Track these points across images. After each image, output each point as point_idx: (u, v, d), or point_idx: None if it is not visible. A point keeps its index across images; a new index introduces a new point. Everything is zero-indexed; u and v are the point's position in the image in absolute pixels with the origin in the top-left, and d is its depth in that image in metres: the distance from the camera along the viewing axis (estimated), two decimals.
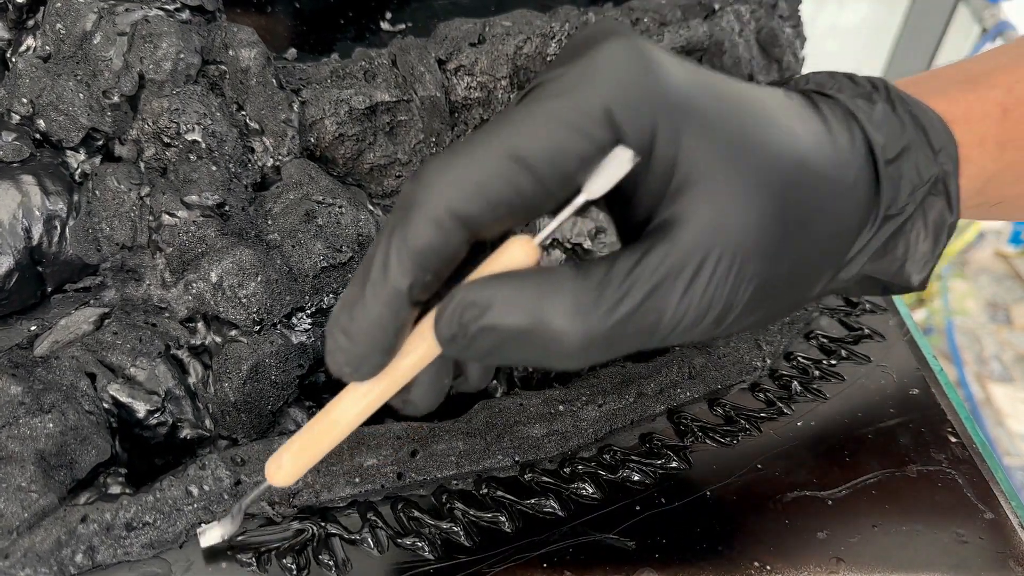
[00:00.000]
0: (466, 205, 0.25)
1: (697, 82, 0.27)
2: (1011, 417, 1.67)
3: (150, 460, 0.40)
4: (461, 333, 0.26)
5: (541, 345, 0.25)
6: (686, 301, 0.26)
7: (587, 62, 0.26)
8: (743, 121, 0.27)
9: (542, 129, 0.25)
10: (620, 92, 0.25)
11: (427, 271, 0.26)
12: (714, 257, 0.26)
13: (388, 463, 0.39)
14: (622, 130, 0.25)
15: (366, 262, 0.26)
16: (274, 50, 0.48)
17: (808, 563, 0.37)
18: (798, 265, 0.29)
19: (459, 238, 0.25)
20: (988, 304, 1.95)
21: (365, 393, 0.28)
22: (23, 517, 0.34)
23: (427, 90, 0.47)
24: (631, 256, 0.25)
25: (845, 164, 0.29)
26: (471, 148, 0.25)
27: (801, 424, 0.43)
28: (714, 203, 0.26)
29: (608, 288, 0.25)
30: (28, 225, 0.41)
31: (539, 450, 0.41)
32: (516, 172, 0.25)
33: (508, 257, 0.26)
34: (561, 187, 0.25)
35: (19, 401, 0.36)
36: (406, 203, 0.25)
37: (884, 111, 0.31)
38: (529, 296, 0.25)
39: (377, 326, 0.26)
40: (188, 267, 0.42)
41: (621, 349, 0.26)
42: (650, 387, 0.44)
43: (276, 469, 0.30)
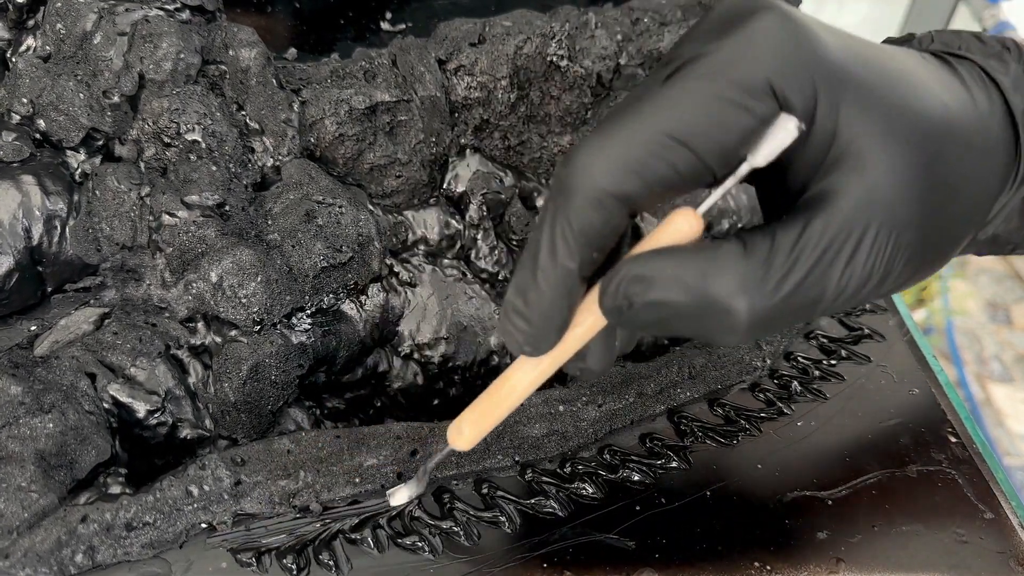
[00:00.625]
0: (624, 185, 0.25)
1: (851, 51, 0.27)
2: (1011, 417, 1.67)
3: (150, 460, 0.40)
4: (626, 306, 0.26)
5: (707, 321, 0.26)
6: (848, 272, 0.26)
7: (743, 35, 0.26)
8: (896, 89, 0.27)
9: (702, 108, 0.25)
10: (781, 64, 0.25)
11: (593, 249, 0.26)
12: (874, 228, 0.26)
13: (388, 463, 0.39)
14: (787, 100, 0.25)
15: (531, 248, 0.27)
16: (274, 50, 0.48)
17: (808, 563, 0.37)
18: (946, 229, 0.29)
19: (620, 215, 0.26)
20: (988, 304, 1.95)
21: (535, 365, 0.29)
22: (23, 517, 0.34)
23: (427, 90, 0.47)
24: (792, 229, 0.26)
25: (987, 128, 0.30)
26: (625, 129, 0.25)
27: (801, 424, 0.43)
28: (871, 173, 0.26)
29: (774, 263, 0.25)
30: (28, 225, 0.41)
31: (539, 450, 0.41)
32: (675, 151, 0.25)
33: (673, 229, 0.27)
34: (721, 162, 0.26)
35: (19, 401, 0.36)
36: (564, 187, 0.26)
37: (1017, 71, 0.31)
38: (694, 272, 0.25)
39: (552, 308, 0.27)
40: (188, 267, 0.42)
41: (786, 323, 0.26)
42: (650, 387, 0.44)
43: (457, 434, 0.31)
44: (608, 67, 0.50)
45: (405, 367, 0.48)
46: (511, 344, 0.28)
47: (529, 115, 0.51)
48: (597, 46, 0.50)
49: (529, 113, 0.51)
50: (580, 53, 0.50)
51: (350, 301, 0.45)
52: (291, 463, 0.38)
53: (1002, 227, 0.32)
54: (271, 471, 0.37)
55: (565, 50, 0.49)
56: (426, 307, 0.49)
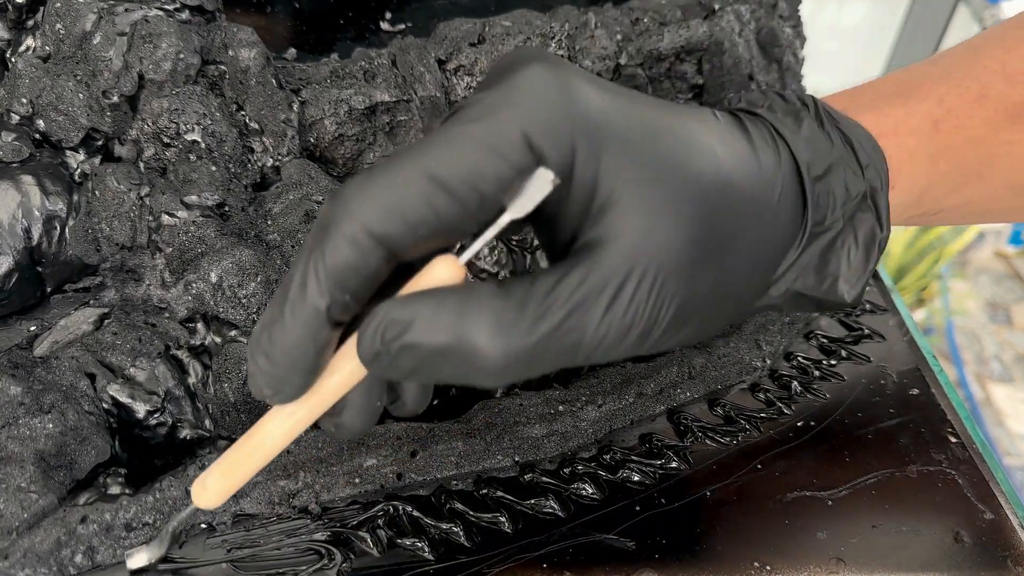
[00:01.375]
0: (383, 225, 0.25)
1: (616, 105, 0.27)
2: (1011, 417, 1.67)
3: (150, 460, 0.40)
4: (384, 351, 0.25)
5: (463, 363, 0.25)
6: (607, 320, 0.26)
7: (506, 86, 0.26)
8: (662, 142, 0.27)
9: (460, 151, 0.25)
10: (538, 116, 0.25)
11: (345, 291, 0.25)
12: (635, 277, 0.26)
13: (388, 463, 0.39)
14: (542, 153, 0.25)
15: (285, 281, 0.26)
16: (274, 50, 0.48)
17: (808, 563, 0.37)
18: (722, 283, 0.29)
19: (377, 258, 0.25)
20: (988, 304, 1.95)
21: (290, 414, 0.28)
22: (23, 517, 0.34)
23: (427, 90, 0.47)
24: (553, 275, 0.26)
25: (769, 183, 0.29)
26: (390, 168, 0.25)
27: (801, 424, 0.43)
28: (634, 224, 0.26)
29: (529, 306, 0.25)
30: (28, 225, 0.41)
31: (539, 450, 0.41)
32: (434, 193, 0.25)
33: (432, 276, 0.26)
34: (480, 209, 0.25)
35: (19, 401, 0.36)
36: (323, 222, 0.25)
37: (811, 129, 0.32)
38: (450, 314, 0.25)
39: (296, 347, 0.26)
40: (188, 267, 0.42)
41: (544, 367, 0.26)
42: (650, 387, 0.44)
43: (201, 490, 0.30)
44: (608, 67, 0.50)
45: None
46: (253, 387, 0.27)
47: None
48: (597, 46, 0.50)
49: None
50: (580, 53, 0.50)
51: None
52: (291, 463, 0.38)
53: (799, 283, 0.32)
54: (271, 471, 0.37)
55: (565, 50, 0.49)
56: None
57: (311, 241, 0.26)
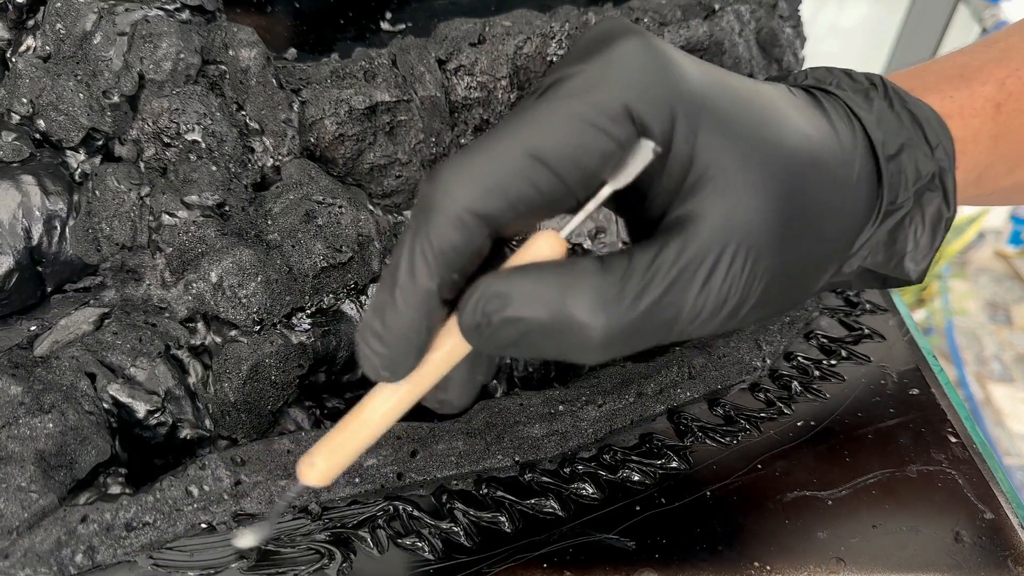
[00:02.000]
0: (486, 204, 0.25)
1: (712, 79, 0.27)
2: (1011, 417, 1.67)
3: (150, 460, 0.40)
4: (484, 323, 0.26)
5: (564, 338, 0.25)
6: (704, 295, 0.26)
7: (604, 59, 0.26)
8: (756, 118, 0.27)
9: (562, 128, 0.25)
10: (639, 89, 0.25)
11: (453, 270, 0.26)
12: (730, 252, 0.26)
13: (388, 463, 0.39)
14: (644, 124, 0.25)
15: (391, 266, 0.26)
16: (274, 50, 0.48)
17: (808, 563, 0.37)
18: (807, 259, 0.29)
19: (481, 236, 0.26)
20: (988, 304, 1.95)
21: (395, 391, 0.28)
22: (23, 517, 0.34)
23: (427, 90, 0.47)
24: (650, 250, 0.26)
25: (849, 161, 0.30)
26: (489, 147, 0.25)
27: (801, 424, 0.43)
28: (729, 199, 0.26)
29: (630, 281, 0.25)
30: (28, 225, 0.41)
31: (539, 450, 0.41)
32: (536, 171, 0.25)
33: (535, 251, 0.26)
34: (582, 184, 0.26)
35: (19, 401, 0.36)
36: (426, 205, 0.25)
37: (882, 108, 0.32)
38: (551, 289, 0.25)
39: (410, 329, 0.26)
40: (188, 267, 0.42)
41: (641, 343, 0.26)
42: (650, 387, 0.44)
43: (309, 468, 0.29)
44: None
45: None
46: (368, 368, 0.27)
47: None
48: None
49: None
50: None
51: (350, 301, 0.45)
52: (291, 463, 0.38)
53: (869, 260, 0.32)
54: (271, 471, 0.38)
55: (565, 50, 0.49)
56: None
57: (414, 223, 0.26)
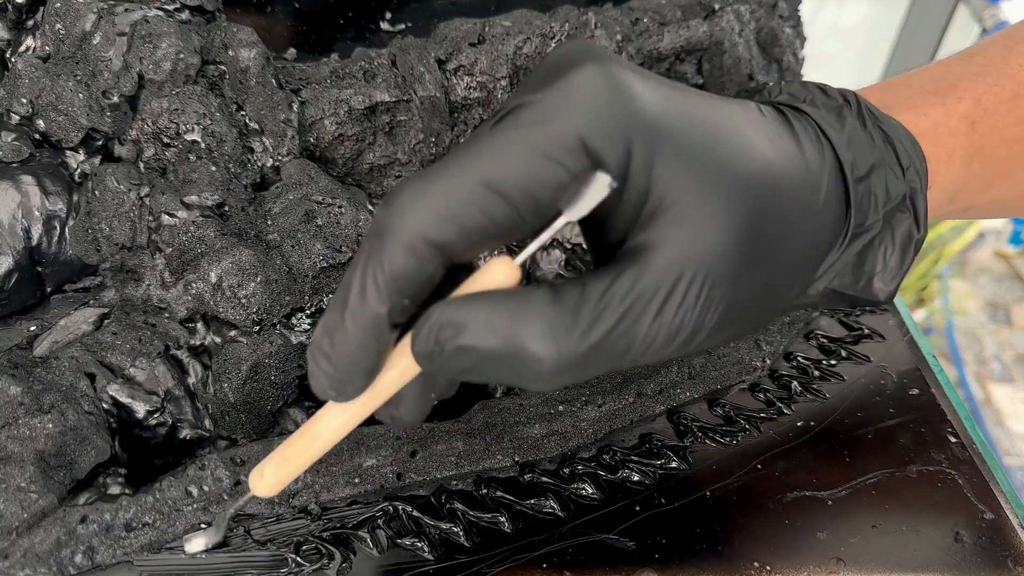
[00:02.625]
0: (440, 232, 0.25)
1: (669, 104, 0.27)
2: (1011, 417, 1.67)
3: (150, 460, 0.40)
4: (437, 351, 0.26)
5: (516, 367, 0.25)
6: (656, 325, 0.26)
7: (560, 89, 0.26)
8: (715, 143, 0.27)
9: (516, 158, 0.25)
10: (594, 120, 0.25)
11: (404, 296, 0.26)
12: (684, 282, 0.26)
13: (388, 463, 0.39)
14: (599, 157, 0.25)
15: (343, 288, 0.26)
16: (274, 50, 0.48)
17: (808, 563, 0.37)
18: (767, 285, 0.29)
19: (434, 263, 0.26)
20: (988, 304, 1.95)
21: (346, 408, 0.28)
22: (23, 517, 0.34)
23: (427, 90, 0.47)
24: (603, 279, 0.26)
25: (815, 184, 0.29)
26: (445, 174, 0.25)
27: (801, 424, 0.43)
28: (685, 228, 0.26)
29: (581, 312, 0.25)
30: (28, 225, 0.41)
31: (539, 450, 0.41)
32: (490, 200, 0.25)
33: (488, 278, 0.26)
34: (536, 214, 0.25)
35: (19, 401, 0.36)
36: (380, 230, 0.26)
37: (854, 128, 0.31)
38: (504, 318, 0.25)
39: (358, 350, 0.26)
40: (188, 267, 0.42)
41: (593, 371, 0.26)
42: (650, 387, 0.44)
43: (259, 479, 0.30)
44: None
45: None
46: (316, 387, 0.28)
47: None
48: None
49: None
50: None
51: None
52: None
53: (836, 282, 0.32)
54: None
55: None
56: None
57: (367, 247, 0.26)
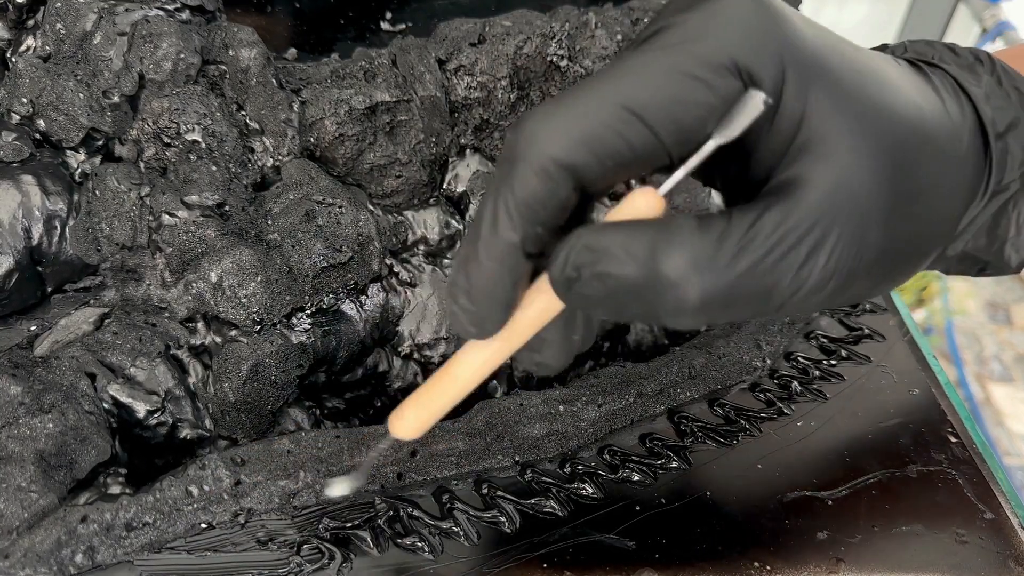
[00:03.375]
0: (572, 155, 0.24)
1: (823, 39, 0.26)
2: (1011, 417, 1.67)
3: (150, 460, 0.40)
4: (574, 277, 0.25)
5: (655, 297, 0.24)
6: (809, 266, 0.24)
7: (709, 8, 0.24)
8: (869, 83, 0.26)
9: (660, 79, 0.24)
10: (748, 40, 0.24)
11: (536, 223, 0.25)
12: (840, 221, 0.24)
13: (388, 463, 0.39)
14: (753, 75, 0.24)
15: (476, 220, 0.25)
16: (274, 50, 0.48)
17: (808, 563, 0.37)
18: (915, 236, 0.28)
19: (567, 188, 0.24)
20: (988, 304, 1.95)
21: (485, 346, 0.28)
22: (23, 517, 0.34)
23: (427, 90, 0.47)
24: (751, 212, 0.24)
25: (958, 136, 0.29)
26: (580, 96, 0.24)
27: (801, 424, 0.43)
28: (838, 165, 0.25)
29: (727, 242, 0.24)
30: (28, 225, 0.41)
31: (539, 450, 0.41)
32: (628, 123, 0.24)
33: (631, 207, 0.25)
34: (678, 141, 0.24)
35: (19, 401, 0.36)
36: (510, 155, 0.24)
37: (990, 84, 0.30)
38: (645, 244, 0.24)
39: (495, 283, 0.25)
40: (188, 267, 0.42)
41: (737, 311, 0.25)
42: (650, 387, 0.44)
43: (398, 421, 0.29)
44: None
45: (405, 367, 0.48)
46: (456, 326, 0.27)
47: None
48: (597, 46, 0.50)
49: None
50: (580, 53, 0.50)
51: (350, 301, 0.45)
52: (291, 463, 0.38)
53: (971, 244, 0.31)
54: (271, 471, 0.37)
55: (565, 50, 0.49)
56: (426, 307, 0.49)
57: (498, 174, 0.25)
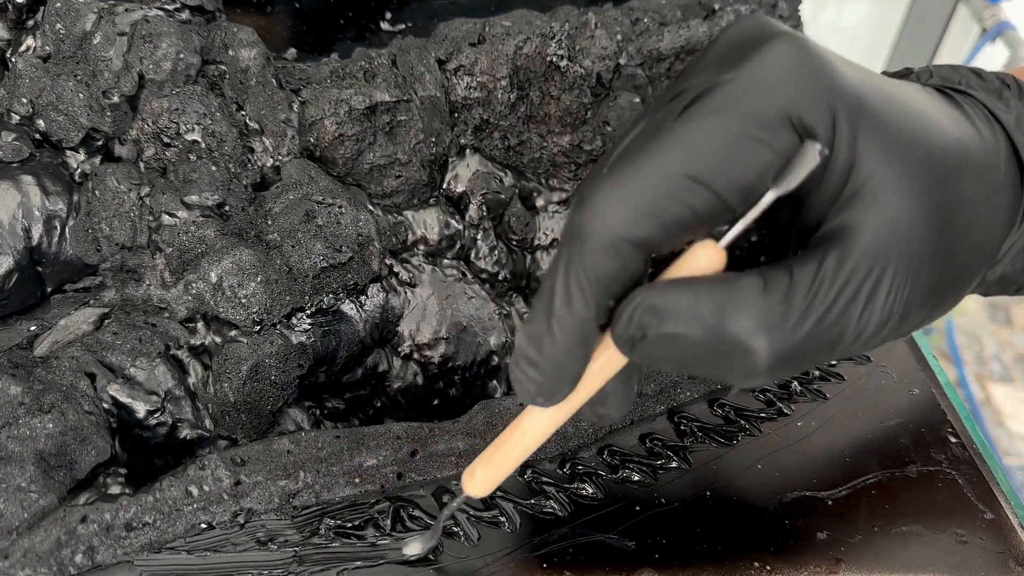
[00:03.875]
0: (640, 229, 0.24)
1: (863, 79, 0.26)
2: (1011, 417, 1.67)
3: (150, 460, 0.40)
4: (639, 336, 0.25)
5: (725, 359, 0.24)
6: (869, 311, 0.25)
7: (755, 64, 0.25)
8: (911, 121, 0.26)
9: (719, 145, 0.24)
10: (799, 93, 0.24)
11: (609, 297, 0.25)
12: (893, 265, 0.25)
13: (388, 463, 0.39)
14: (808, 128, 0.24)
15: (546, 295, 0.26)
16: (274, 50, 0.48)
17: (808, 563, 0.37)
18: (961, 268, 0.28)
19: (637, 261, 0.25)
20: (988, 304, 1.95)
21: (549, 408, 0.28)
22: (23, 517, 0.34)
23: (427, 90, 0.47)
24: (810, 265, 0.25)
25: (995, 165, 0.29)
26: (640, 169, 0.24)
27: (801, 424, 0.43)
28: (889, 209, 0.25)
29: (794, 300, 0.24)
30: (28, 225, 0.41)
31: (539, 450, 0.41)
32: (692, 191, 0.24)
33: (693, 263, 0.26)
34: (741, 199, 0.25)
35: (19, 401, 0.36)
36: (578, 233, 0.25)
37: (1019, 109, 0.31)
38: (711, 306, 0.24)
39: (567, 357, 0.26)
40: (188, 267, 0.42)
41: (806, 364, 0.25)
42: (650, 387, 0.44)
43: (470, 479, 0.31)
44: (608, 67, 0.50)
45: (405, 367, 0.48)
46: (523, 395, 0.27)
47: (529, 115, 0.51)
48: (597, 46, 0.50)
49: (529, 113, 0.51)
50: (580, 53, 0.50)
51: (350, 301, 0.45)
52: (291, 463, 0.38)
53: (1008, 267, 0.31)
54: (271, 471, 0.37)
55: (565, 50, 0.49)
56: (426, 307, 0.49)
57: (567, 251, 0.25)
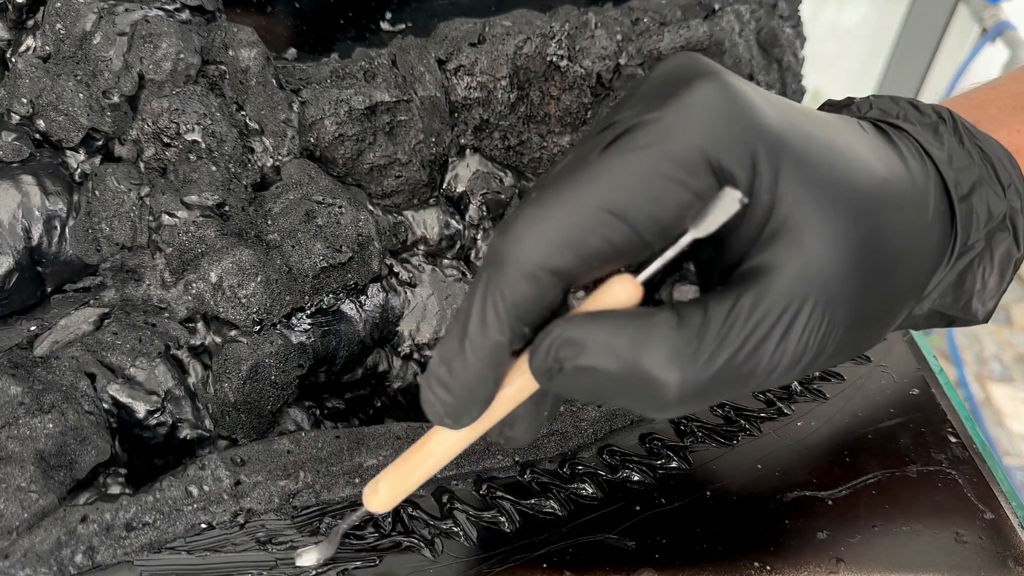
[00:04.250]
0: (559, 260, 0.25)
1: (789, 121, 0.27)
2: (1011, 417, 1.67)
3: (150, 460, 0.40)
4: (556, 368, 0.25)
5: (637, 392, 0.25)
6: (781, 349, 0.25)
7: (679, 105, 0.25)
8: (835, 162, 0.27)
9: (638, 182, 0.24)
10: (719, 136, 0.25)
11: (524, 324, 0.25)
12: (809, 305, 0.25)
13: (388, 463, 0.39)
14: (727, 173, 0.25)
15: (461, 317, 0.26)
16: (274, 50, 0.48)
17: (808, 563, 0.37)
18: (883, 306, 0.28)
19: (554, 290, 0.25)
20: None
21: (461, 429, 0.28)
22: (23, 517, 0.34)
23: (427, 90, 0.47)
24: (726, 302, 0.25)
25: (923, 202, 0.29)
26: (562, 201, 0.25)
27: (801, 424, 0.43)
28: (807, 249, 0.25)
29: (706, 337, 0.24)
30: (28, 225, 0.41)
31: (539, 450, 0.41)
32: (611, 225, 0.24)
33: (611, 297, 0.26)
34: (659, 236, 0.25)
35: (19, 401, 0.36)
36: (499, 258, 0.25)
37: (952, 145, 0.31)
38: (626, 340, 0.24)
39: (478, 380, 0.26)
40: (188, 267, 0.42)
41: (716, 398, 0.26)
42: None
43: (372, 494, 0.31)
44: (608, 67, 0.50)
45: (405, 367, 0.48)
46: (432, 415, 0.27)
47: (529, 115, 0.51)
48: (597, 46, 0.50)
49: (529, 113, 0.51)
50: (580, 53, 0.50)
51: (350, 301, 0.45)
52: (291, 463, 0.38)
53: (938, 302, 0.31)
54: (271, 471, 0.37)
55: (565, 50, 0.49)
56: (426, 307, 0.49)
57: (485, 276, 0.25)
